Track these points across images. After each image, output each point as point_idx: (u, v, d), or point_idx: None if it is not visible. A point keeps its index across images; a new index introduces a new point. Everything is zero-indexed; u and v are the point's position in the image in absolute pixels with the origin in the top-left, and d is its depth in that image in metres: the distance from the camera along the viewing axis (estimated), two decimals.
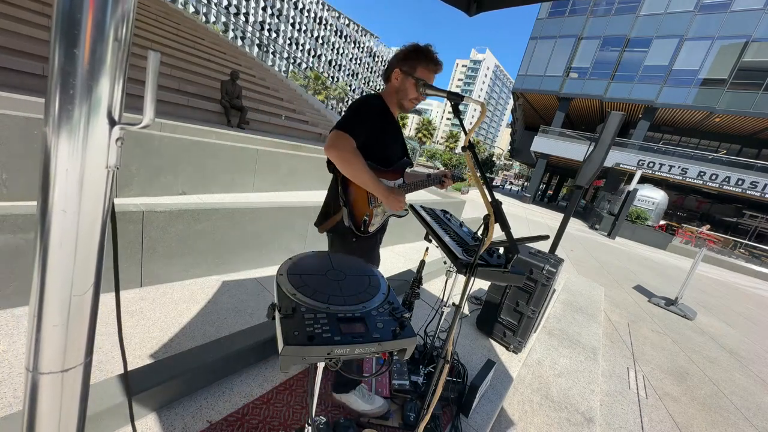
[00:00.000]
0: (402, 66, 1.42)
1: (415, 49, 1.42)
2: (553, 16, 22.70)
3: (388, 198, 1.39)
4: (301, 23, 66.15)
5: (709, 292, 7.96)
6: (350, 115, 1.36)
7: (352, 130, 1.30)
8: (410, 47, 1.43)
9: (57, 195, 0.56)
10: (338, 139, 1.28)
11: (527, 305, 2.56)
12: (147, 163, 2.95)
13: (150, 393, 1.39)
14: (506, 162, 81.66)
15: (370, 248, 1.59)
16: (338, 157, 1.29)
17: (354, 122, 1.34)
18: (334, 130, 1.30)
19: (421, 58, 1.40)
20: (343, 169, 1.33)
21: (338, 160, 1.30)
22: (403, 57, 1.43)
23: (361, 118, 1.36)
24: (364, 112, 1.38)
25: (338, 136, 1.29)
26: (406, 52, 1.43)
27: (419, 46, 1.42)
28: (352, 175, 1.34)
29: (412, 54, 1.41)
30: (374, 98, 1.46)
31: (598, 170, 3.36)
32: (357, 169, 1.31)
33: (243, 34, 55.40)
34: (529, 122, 30.64)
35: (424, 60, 1.40)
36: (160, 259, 2.25)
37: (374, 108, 1.42)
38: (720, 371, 3.75)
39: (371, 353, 0.78)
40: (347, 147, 1.28)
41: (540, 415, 2.16)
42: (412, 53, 1.41)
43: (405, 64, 1.42)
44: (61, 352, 0.64)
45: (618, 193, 17.24)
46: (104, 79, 0.54)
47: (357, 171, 1.32)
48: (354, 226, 1.43)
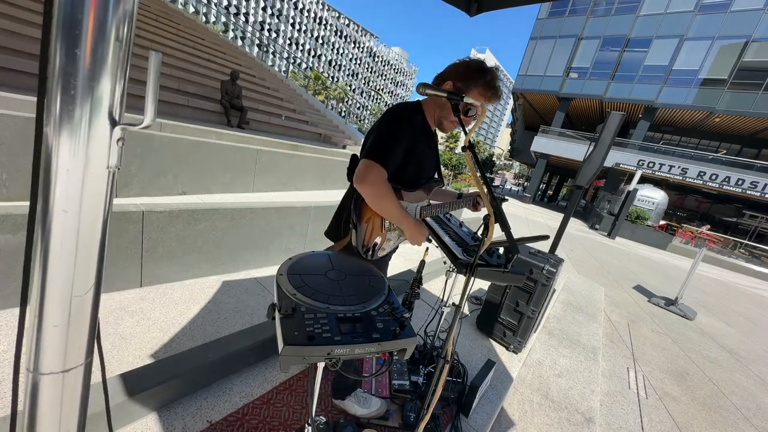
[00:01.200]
0: (457, 81, 1.24)
1: (479, 68, 1.25)
2: (553, 16, 22.70)
3: (412, 232, 1.28)
4: (301, 23, 66.15)
5: (709, 292, 7.96)
6: (385, 140, 1.20)
7: (385, 158, 1.17)
8: (474, 63, 1.27)
9: (58, 195, 0.56)
10: (370, 171, 1.15)
11: (527, 305, 2.56)
12: (147, 163, 2.95)
13: (150, 393, 1.39)
14: (506, 162, 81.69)
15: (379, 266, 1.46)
16: (369, 192, 1.17)
17: (388, 149, 1.19)
18: (366, 160, 1.16)
19: (482, 81, 1.23)
20: (372, 203, 1.21)
21: (368, 195, 1.18)
22: (463, 72, 1.25)
23: (396, 144, 1.21)
24: (400, 135, 1.22)
25: (370, 167, 1.15)
26: (468, 67, 1.26)
27: (484, 66, 1.26)
28: (380, 208, 1.23)
29: (475, 73, 1.24)
30: (413, 114, 1.28)
31: (598, 170, 3.36)
32: (387, 204, 1.20)
33: (243, 34, 55.40)
34: (529, 122, 30.64)
35: (483, 83, 1.24)
36: (160, 259, 2.25)
37: (412, 127, 1.26)
38: (720, 371, 3.75)
39: (371, 353, 0.79)
40: (379, 181, 1.15)
41: (540, 415, 2.16)
42: (474, 71, 1.24)
43: (462, 80, 1.24)
44: (61, 353, 0.64)
45: (618, 193, 17.25)
46: (105, 79, 0.54)
47: (386, 205, 1.20)
48: (362, 249, 1.32)
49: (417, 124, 1.29)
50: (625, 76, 20.12)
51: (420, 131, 1.30)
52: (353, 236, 1.31)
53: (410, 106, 1.31)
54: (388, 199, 1.19)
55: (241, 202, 2.76)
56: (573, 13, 22.08)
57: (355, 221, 1.29)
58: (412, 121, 1.27)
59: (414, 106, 1.32)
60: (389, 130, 1.23)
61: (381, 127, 1.25)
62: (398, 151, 1.22)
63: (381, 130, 1.24)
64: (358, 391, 1.66)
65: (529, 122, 30.78)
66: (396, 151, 1.21)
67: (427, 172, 1.44)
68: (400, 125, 1.24)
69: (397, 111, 1.27)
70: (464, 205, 1.57)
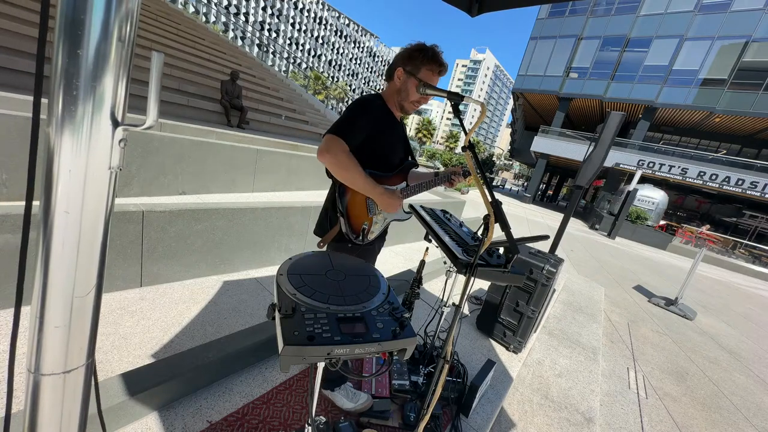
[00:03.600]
0: (405, 65, 1.36)
1: (420, 48, 1.36)
2: (553, 16, 22.70)
3: (383, 199, 1.35)
4: (301, 23, 66.14)
5: (709, 292, 7.96)
6: (345, 118, 1.31)
7: (346, 133, 1.26)
8: (415, 46, 1.37)
9: (60, 196, 0.56)
10: (330, 143, 1.24)
11: (527, 305, 2.56)
12: (147, 163, 2.96)
13: (150, 393, 1.40)
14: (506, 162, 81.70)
15: (367, 257, 1.55)
16: (330, 161, 1.25)
17: (349, 125, 1.29)
18: (327, 134, 1.26)
19: (425, 58, 1.34)
20: (336, 174, 1.30)
21: (331, 165, 1.27)
22: (407, 56, 1.37)
23: (356, 121, 1.31)
24: (360, 115, 1.33)
25: (330, 140, 1.25)
26: (411, 51, 1.37)
27: (424, 46, 1.36)
28: (345, 178, 1.30)
29: (417, 53, 1.35)
30: (373, 99, 1.40)
31: (598, 170, 3.36)
32: (351, 173, 1.27)
33: (243, 34, 55.40)
34: (529, 122, 30.64)
35: (428, 60, 1.34)
36: (160, 259, 2.25)
37: (372, 109, 1.37)
38: (720, 371, 3.76)
39: (371, 353, 0.79)
40: (339, 150, 1.24)
41: (540, 415, 2.16)
42: (416, 52, 1.35)
43: (409, 63, 1.36)
44: (63, 354, 0.64)
45: (618, 193, 17.24)
46: (107, 79, 0.54)
47: (350, 174, 1.28)
48: (352, 234, 1.40)
49: (377, 107, 1.39)
50: (625, 76, 20.12)
51: (381, 114, 1.41)
52: (342, 224, 1.39)
53: (370, 95, 1.43)
54: (352, 169, 1.27)
55: (241, 202, 2.76)
56: (573, 13, 22.07)
57: (341, 209, 1.38)
58: (372, 105, 1.38)
59: (374, 95, 1.44)
60: (350, 112, 1.34)
61: (344, 111, 1.37)
62: (358, 128, 1.31)
63: (344, 113, 1.36)
64: (347, 385, 1.68)
65: (529, 122, 30.78)
66: (356, 126, 1.30)
67: (397, 153, 1.53)
68: (358, 107, 1.35)
69: (358, 98, 1.40)
70: (441, 182, 1.62)
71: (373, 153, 1.39)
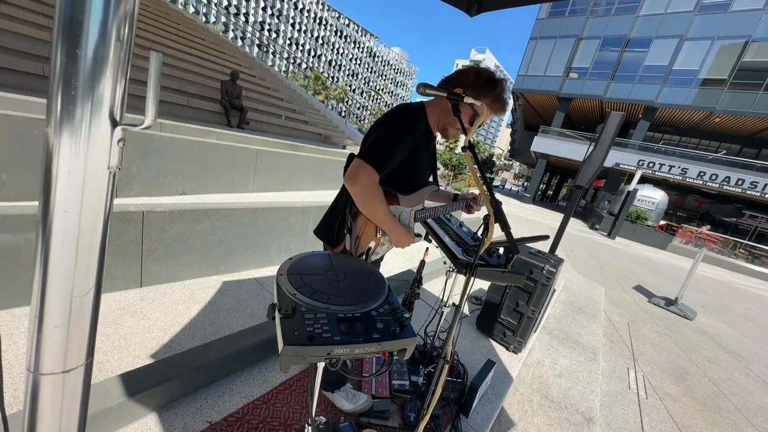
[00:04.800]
0: (466, 90, 1.19)
1: (489, 78, 1.23)
2: (553, 16, 22.70)
3: (396, 236, 1.27)
4: (301, 23, 66.15)
5: (709, 292, 7.96)
6: (384, 143, 1.17)
7: (380, 161, 1.14)
8: (485, 73, 1.24)
9: (58, 195, 0.56)
10: (362, 172, 1.12)
11: (527, 305, 2.56)
12: (147, 163, 2.96)
13: (150, 393, 1.40)
14: (506, 162, 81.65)
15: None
16: (359, 193, 1.15)
17: (387, 154, 1.16)
18: (360, 160, 1.13)
19: (491, 92, 1.21)
20: (359, 205, 1.19)
21: (357, 196, 1.16)
22: (473, 81, 1.22)
23: (395, 150, 1.18)
24: (401, 141, 1.19)
25: (362, 168, 1.12)
26: (479, 76, 1.23)
27: (495, 78, 1.23)
28: (367, 211, 1.20)
29: (485, 84, 1.22)
30: (418, 116, 1.25)
31: (598, 170, 3.36)
32: (374, 207, 1.18)
33: (243, 34, 55.39)
34: (529, 122, 30.64)
35: (492, 95, 1.21)
36: (160, 259, 2.25)
37: (415, 134, 1.22)
38: (720, 371, 3.76)
39: (371, 353, 0.79)
40: (368, 184, 1.13)
41: (540, 415, 2.16)
42: (484, 82, 1.22)
43: (471, 90, 1.20)
44: (62, 353, 0.64)
45: (618, 193, 17.24)
46: (106, 79, 0.54)
47: (374, 209, 1.18)
48: (356, 253, 1.32)
49: (420, 131, 1.26)
50: (625, 76, 20.12)
51: (422, 137, 1.27)
52: (347, 241, 1.31)
53: (414, 109, 1.26)
54: (377, 203, 1.18)
55: (241, 202, 2.76)
56: (573, 13, 22.08)
57: (349, 226, 1.29)
58: (416, 127, 1.24)
59: (417, 109, 1.27)
60: (390, 134, 1.19)
61: (381, 130, 1.21)
62: (396, 157, 1.19)
63: (381, 132, 1.21)
64: (347, 386, 1.68)
65: (529, 122, 30.78)
66: (394, 156, 1.18)
67: (423, 177, 1.44)
68: (402, 131, 1.20)
69: (400, 115, 1.23)
70: (458, 207, 1.56)
71: (399, 174, 1.27)
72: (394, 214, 1.26)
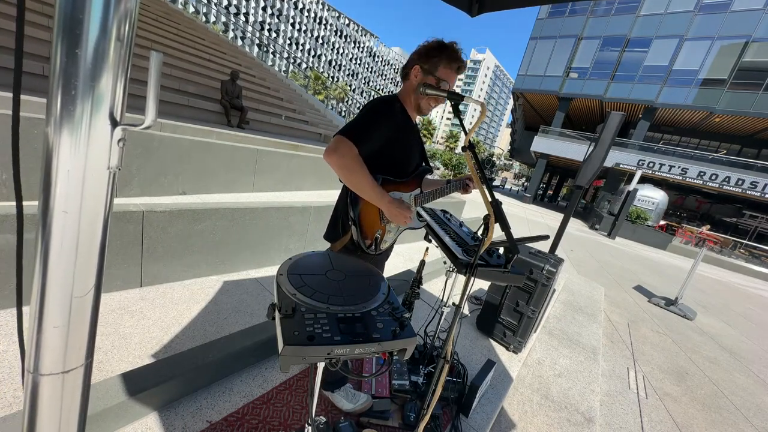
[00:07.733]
0: (423, 63, 1.30)
1: (438, 45, 1.30)
2: (553, 17, 22.71)
3: (391, 209, 1.29)
4: (301, 23, 66.15)
5: (709, 292, 7.96)
6: (360, 122, 1.24)
7: (357, 136, 1.19)
8: (433, 43, 1.31)
9: (58, 195, 0.56)
10: (339, 143, 1.18)
11: (527, 305, 2.56)
12: (147, 163, 2.95)
13: (150, 393, 1.39)
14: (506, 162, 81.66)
15: (376, 265, 1.51)
16: (337, 164, 1.19)
17: (360, 128, 1.22)
18: (337, 135, 1.20)
19: (444, 55, 1.28)
20: (342, 177, 1.24)
21: (337, 167, 1.20)
22: (424, 53, 1.30)
23: (369, 124, 1.24)
24: (374, 117, 1.26)
25: (340, 141, 1.18)
26: (428, 48, 1.31)
27: (443, 43, 1.30)
28: (351, 183, 1.25)
29: (435, 51, 1.29)
30: (392, 101, 1.33)
31: (598, 170, 3.36)
32: (357, 177, 1.21)
33: (243, 34, 55.40)
34: (529, 122, 30.63)
35: (446, 58, 1.29)
36: (160, 259, 2.25)
37: (387, 112, 1.30)
38: (720, 371, 3.76)
39: (371, 353, 0.79)
40: (347, 153, 1.17)
41: (540, 415, 2.16)
42: (434, 50, 1.29)
43: (426, 61, 1.30)
44: (61, 354, 0.64)
45: (618, 193, 17.24)
46: (106, 79, 0.54)
47: (357, 179, 1.21)
48: (365, 243, 1.36)
49: (397, 111, 1.33)
50: (625, 76, 20.13)
51: (400, 118, 1.34)
52: (354, 232, 1.35)
53: (387, 97, 1.35)
54: (358, 173, 1.21)
55: (241, 202, 2.76)
56: (573, 14, 22.08)
57: (353, 217, 1.34)
58: (391, 108, 1.31)
59: (390, 96, 1.37)
60: (367, 115, 1.26)
61: (359, 114, 1.29)
62: (370, 131, 1.24)
63: (359, 115, 1.28)
64: (347, 386, 1.68)
65: (529, 122, 30.77)
66: (372, 134, 1.24)
67: (414, 160, 1.48)
68: (372, 108, 1.28)
69: (376, 101, 1.32)
70: (455, 188, 1.58)
71: (388, 159, 1.34)
72: (381, 188, 1.28)
